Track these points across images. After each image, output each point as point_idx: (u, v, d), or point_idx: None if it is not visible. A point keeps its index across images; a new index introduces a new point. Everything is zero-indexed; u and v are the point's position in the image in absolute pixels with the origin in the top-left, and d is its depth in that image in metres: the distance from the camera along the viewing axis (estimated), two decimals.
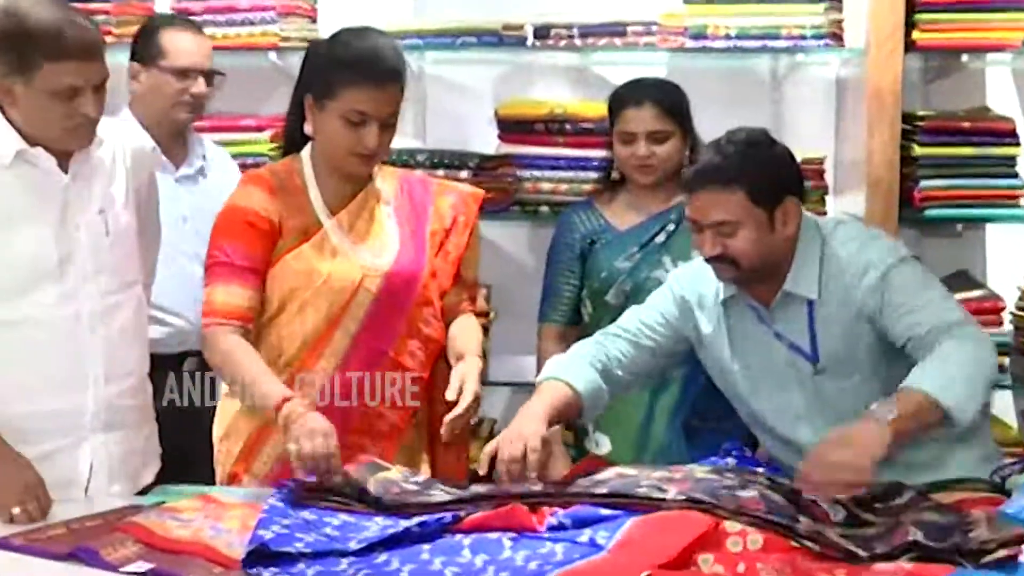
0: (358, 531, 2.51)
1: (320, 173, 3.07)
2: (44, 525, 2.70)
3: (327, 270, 3.00)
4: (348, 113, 2.95)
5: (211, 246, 3.04)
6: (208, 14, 4.46)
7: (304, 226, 3.02)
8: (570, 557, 2.38)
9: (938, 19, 4.18)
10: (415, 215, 3.16)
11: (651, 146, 3.63)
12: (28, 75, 2.74)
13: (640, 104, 3.65)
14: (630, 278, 3.63)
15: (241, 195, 3.05)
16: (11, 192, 2.84)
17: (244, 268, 2.99)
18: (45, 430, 2.89)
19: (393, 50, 3.05)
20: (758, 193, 2.94)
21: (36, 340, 2.87)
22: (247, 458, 3.07)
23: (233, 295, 2.98)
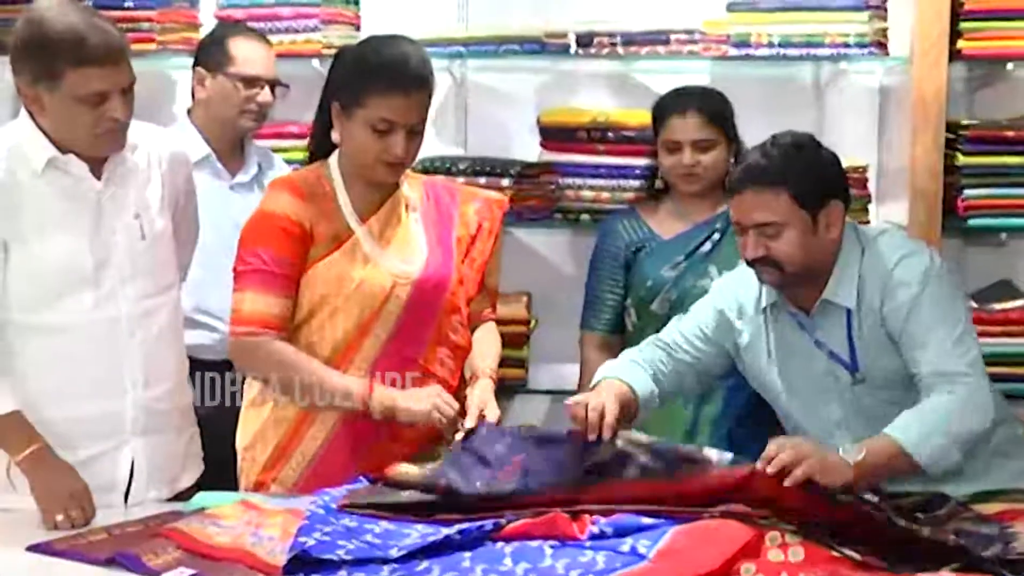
0: (399, 538, 2.50)
1: (348, 179, 3.05)
2: (86, 530, 2.72)
3: (359, 277, 2.99)
4: (375, 121, 2.93)
5: (242, 252, 3.01)
6: (252, 22, 4.45)
7: (335, 232, 3.00)
8: (612, 566, 2.37)
9: (983, 27, 4.15)
10: (441, 221, 3.15)
11: (696, 155, 3.63)
12: (54, 83, 2.75)
13: (684, 113, 3.64)
14: (675, 287, 3.62)
15: (271, 201, 3.02)
16: (45, 200, 2.86)
17: (278, 275, 2.96)
18: (85, 435, 2.91)
19: (420, 57, 3.02)
20: (802, 194, 2.93)
21: (74, 346, 2.89)
22: (275, 466, 3.05)
23: (268, 304, 2.95)
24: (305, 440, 3.02)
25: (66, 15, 2.77)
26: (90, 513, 2.79)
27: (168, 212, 3.06)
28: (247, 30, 4.09)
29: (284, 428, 3.05)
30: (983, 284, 4.52)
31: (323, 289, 2.99)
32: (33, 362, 2.89)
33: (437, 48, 4.41)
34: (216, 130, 3.90)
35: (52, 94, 2.77)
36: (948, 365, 2.87)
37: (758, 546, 2.41)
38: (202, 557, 2.50)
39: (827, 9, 4.33)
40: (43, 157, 2.84)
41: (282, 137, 4.39)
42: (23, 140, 2.86)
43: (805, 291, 3.03)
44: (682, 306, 3.51)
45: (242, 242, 3.02)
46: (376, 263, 3.01)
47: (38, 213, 2.85)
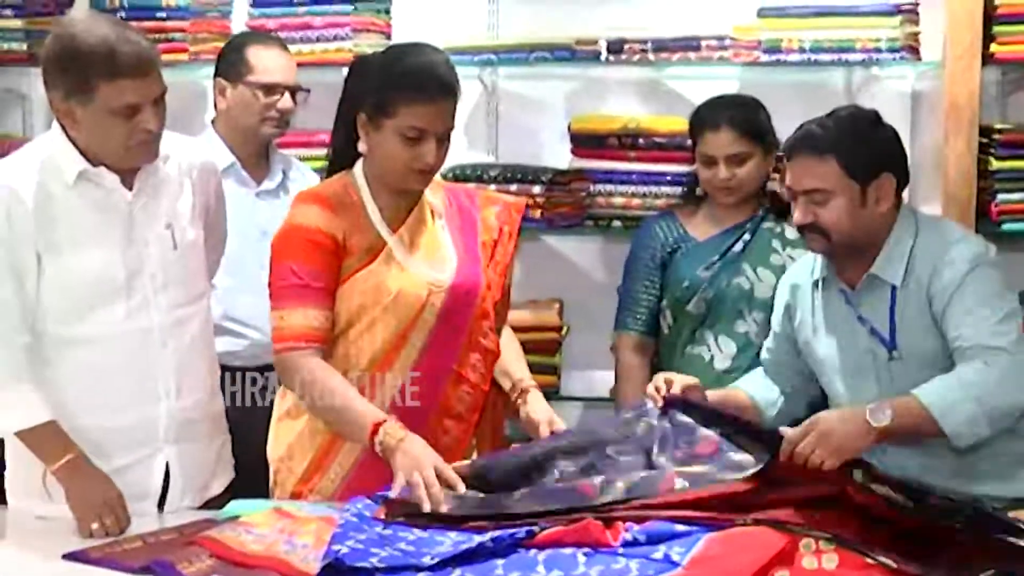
0: (432, 546, 2.51)
1: (375, 189, 3.03)
2: (121, 538, 2.73)
3: (396, 287, 2.98)
4: (406, 130, 2.92)
5: (275, 267, 2.99)
6: (283, 31, 4.48)
7: (368, 243, 2.99)
8: (645, 573, 2.37)
9: (1017, 31, 4.13)
10: (465, 227, 3.15)
11: (731, 168, 3.63)
12: (86, 97, 2.77)
13: (717, 128, 3.64)
14: (711, 287, 3.63)
15: (301, 214, 3.00)
16: (76, 212, 2.87)
17: (316, 289, 2.94)
18: (119, 444, 2.94)
19: (446, 64, 3.02)
20: (852, 164, 2.98)
21: (108, 356, 2.91)
22: (312, 477, 3.04)
23: (308, 317, 2.93)
24: (342, 452, 3.02)
25: (97, 28, 2.79)
26: (124, 521, 2.81)
27: (199, 222, 3.08)
28: (266, 38, 4.11)
29: (320, 440, 3.04)
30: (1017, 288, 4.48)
31: (360, 300, 2.98)
32: (67, 373, 2.91)
33: (468, 56, 4.44)
34: (239, 139, 3.92)
35: (85, 108, 2.78)
36: (988, 339, 2.89)
37: (792, 553, 2.40)
38: (236, 565, 2.51)
39: (858, 14, 4.32)
40: (75, 169, 2.86)
41: (311, 146, 4.40)
42: (55, 152, 2.87)
43: (853, 264, 3.08)
44: (719, 305, 3.54)
45: (275, 257, 3.01)
46: (411, 272, 3.01)
47: (71, 225, 2.86)
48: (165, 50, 4.53)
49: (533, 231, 4.49)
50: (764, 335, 3.50)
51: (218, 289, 3.35)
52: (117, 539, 2.73)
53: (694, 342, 3.66)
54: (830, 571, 2.36)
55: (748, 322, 3.61)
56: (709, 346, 3.64)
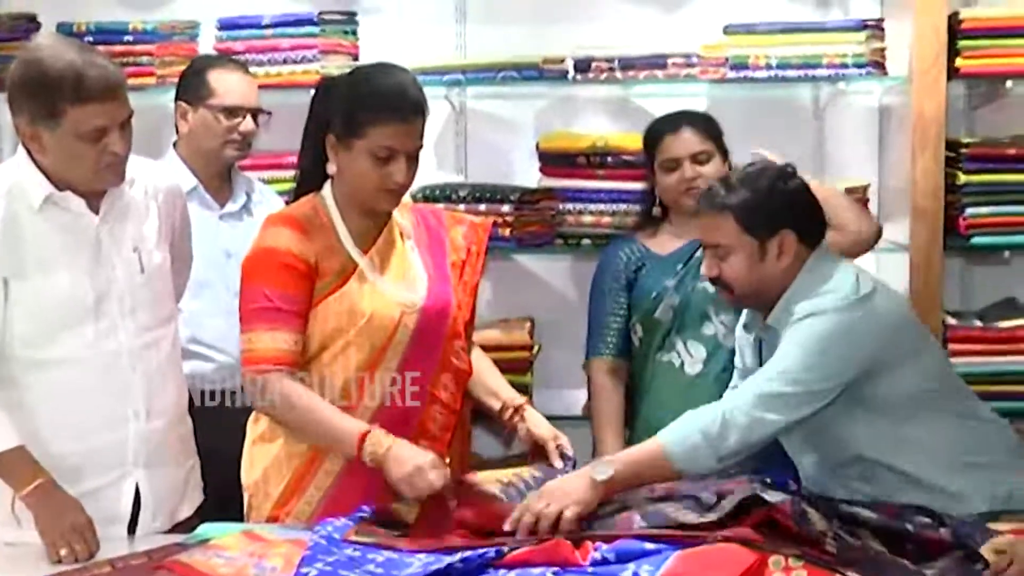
0: (401, 568, 2.50)
1: (344, 210, 3.03)
2: (90, 564, 2.72)
3: (369, 309, 2.97)
4: (376, 150, 2.92)
5: (246, 290, 2.98)
6: (250, 53, 4.50)
7: (340, 265, 2.99)
8: None
9: (981, 45, 4.17)
10: (435, 247, 3.15)
11: (696, 167, 3.64)
12: (54, 121, 2.76)
13: (678, 129, 3.67)
14: (677, 292, 3.63)
15: (271, 237, 2.99)
16: (43, 236, 2.87)
17: (287, 311, 2.93)
18: (89, 467, 2.93)
19: (414, 84, 3.02)
20: (749, 221, 3.02)
21: (77, 379, 2.90)
22: (289, 500, 3.03)
23: (278, 340, 2.92)
24: (319, 475, 3.01)
25: (63, 53, 2.78)
26: (94, 547, 2.79)
27: (165, 245, 3.08)
28: (227, 61, 4.11)
29: (297, 463, 3.03)
30: (987, 302, 4.52)
31: (334, 323, 2.98)
32: (36, 396, 2.90)
33: (435, 76, 4.45)
34: (202, 162, 3.91)
35: (52, 132, 2.78)
36: (765, 387, 2.93)
37: (761, 570, 2.39)
38: None
39: (824, 30, 4.36)
40: (41, 194, 2.85)
41: (280, 168, 4.39)
42: (21, 177, 2.87)
43: (762, 314, 3.13)
44: (684, 311, 3.56)
45: (245, 279, 3.00)
46: (384, 294, 3.01)
47: (38, 249, 2.86)
48: (132, 74, 4.51)
49: (503, 250, 4.49)
50: (731, 336, 3.52)
51: (184, 312, 3.34)
52: (86, 564, 2.72)
53: (663, 350, 3.67)
54: None
55: (715, 324, 3.62)
56: (679, 352, 3.65)
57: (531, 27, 4.66)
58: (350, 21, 4.66)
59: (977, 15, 4.22)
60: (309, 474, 3.02)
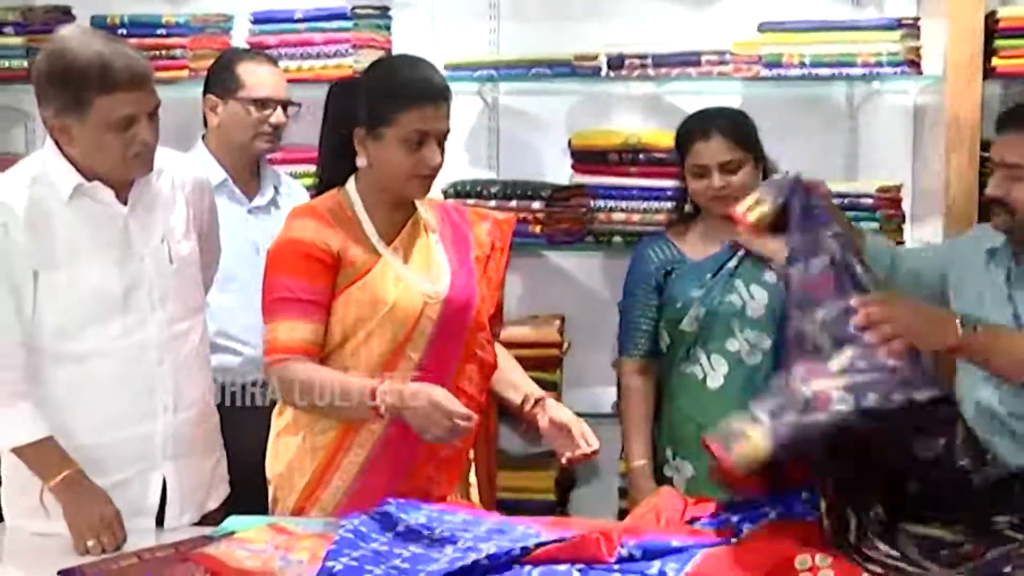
0: (427, 563, 2.50)
1: (369, 204, 3.05)
2: (117, 555, 2.73)
3: (392, 299, 2.99)
4: (408, 135, 2.94)
5: (269, 281, 3.00)
6: (283, 47, 4.52)
7: (364, 256, 3.00)
8: None
9: (1018, 45, 4.14)
10: (458, 242, 3.16)
11: (725, 176, 3.60)
12: (82, 111, 2.77)
13: (708, 137, 3.62)
14: (703, 304, 3.60)
15: (296, 228, 3.01)
16: (73, 227, 2.88)
17: (307, 302, 2.95)
18: (117, 459, 2.94)
19: (435, 69, 3.07)
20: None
21: (105, 371, 2.91)
22: (314, 491, 3.04)
23: (298, 330, 2.94)
24: (343, 466, 3.02)
25: (89, 44, 2.79)
26: (120, 538, 2.81)
27: (193, 236, 3.09)
28: (255, 53, 4.14)
29: (321, 455, 3.04)
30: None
31: (357, 312, 2.99)
32: (65, 388, 2.91)
33: (468, 72, 4.46)
34: (231, 155, 3.93)
35: (81, 123, 2.79)
36: None
37: (787, 570, 2.39)
38: None
39: (859, 28, 4.33)
40: (70, 185, 2.86)
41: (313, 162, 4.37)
42: (49, 169, 2.88)
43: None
44: (710, 323, 3.53)
45: (268, 271, 3.02)
46: (407, 284, 3.02)
47: (67, 240, 2.87)
48: (165, 67, 4.57)
49: (534, 247, 4.51)
50: (754, 356, 3.52)
51: (212, 306, 3.34)
52: (113, 555, 2.73)
53: (688, 361, 3.63)
54: None
55: (740, 340, 3.58)
56: (702, 365, 3.61)
57: (564, 24, 4.67)
58: (383, 16, 4.66)
59: (1014, 14, 4.18)
60: (333, 466, 3.03)
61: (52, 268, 2.86)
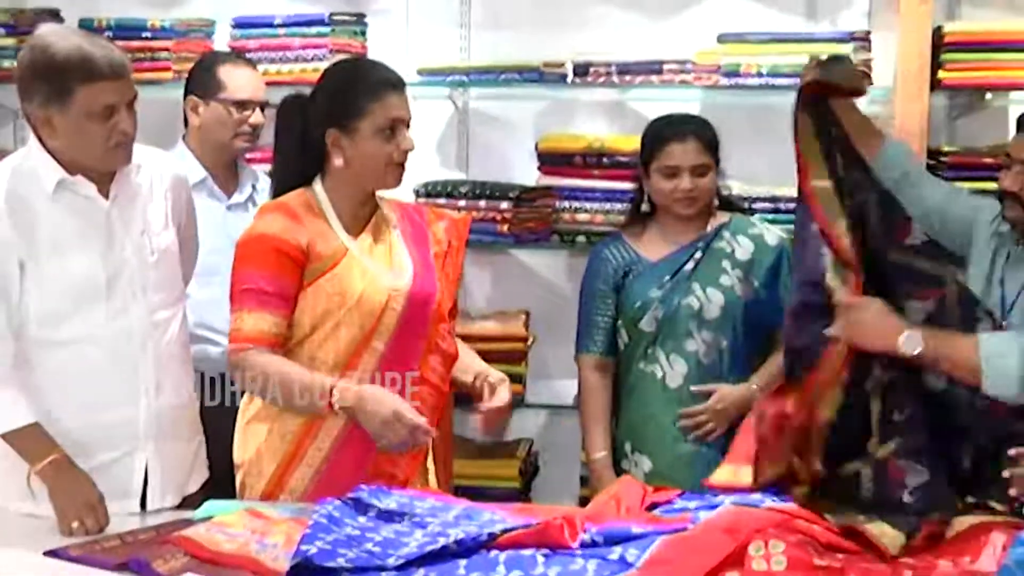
0: (397, 547, 2.50)
1: (336, 201, 3.07)
2: (100, 537, 2.73)
3: (358, 291, 3.00)
4: (383, 124, 2.99)
5: (237, 273, 3.02)
6: (263, 51, 4.52)
7: (332, 251, 3.02)
8: (600, 574, 2.37)
9: (963, 58, 4.18)
10: (419, 238, 3.18)
11: (695, 179, 3.61)
12: (65, 102, 2.77)
13: (684, 139, 3.62)
14: (662, 305, 3.61)
15: (264, 223, 3.03)
16: (57, 220, 2.87)
17: (273, 294, 2.97)
18: (101, 442, 2.93)
19: (386, 64, 3.15)
20: None
21: (89, 358, 2.91)
22: (282, 477, 3.05)
23: (264, 321, 2.96)
24: (310, 451, 3.03)
25: (69, 38, 2.82)
26: (104, 521, 2.80)
27: (172, 228, 3.09)
28: (235, 57, 4.14)
29: (289, 440, 3.04)
30: None
31: (325, 304, 3.00)
32: (51, 374, 2.90)
33: (440, 77, 4.47)
34: (212, 154, 3.92)
35: (64, 113, 2.79)
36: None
37: (742, 556, 2.40)
38: (209, 563, 2.51)
39: (813, 41, 4.35)
40: (54, 179, 2.86)
41: None
42: (34, 164, 2.88)
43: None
44: (669, 323, 3.54)
45: (237, 262, 3.03)
46: (373, 277, 3.03)
47: (52, 232, 2.86)
48: (150, 68, 4.57)
49: (501, 245, 4.52)
50: (711, 355, 3.55)
51: (192, 299, 3.34)
52: (96, 538, 2.73)
53: (647, 360, 3.64)
54: (779, 572, 2.36)
55: (697, 341, 3.59)
56: (661, 364, 3.62)
57: (532, 32, 4.67)
58: (359, 22, 4.67)
59: (959, 29, 4.23)
60: (300, 452, 3.04)
61: (37, 259, 2.85)
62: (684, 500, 2.80)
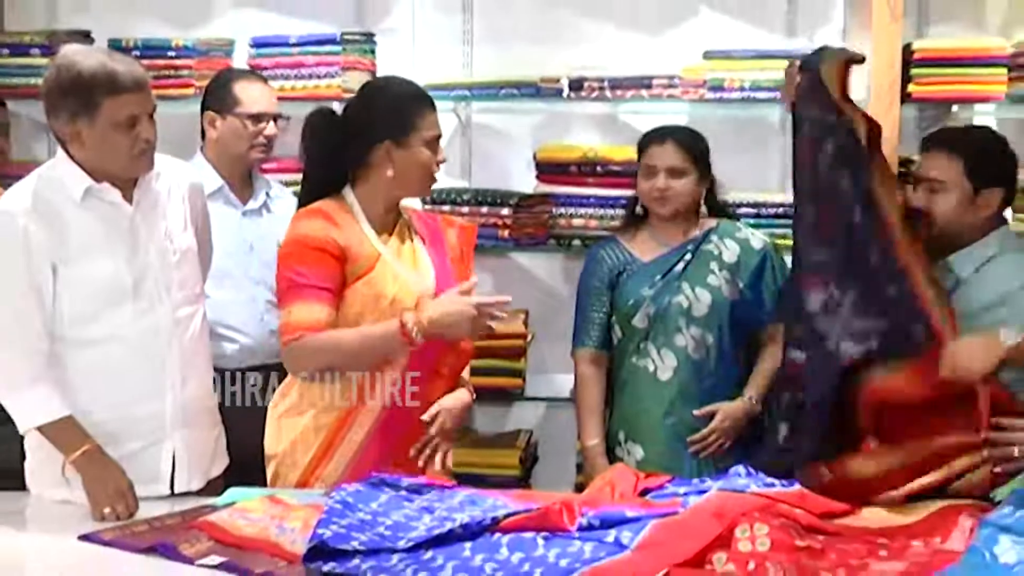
0: (407, 531, 2.51)
1: (368, 208, 3.08)
2: (130, 522, 2.73)
3: (391, 294, 3.00)
4: (431, 138, 3.06)
5: (283, 272, 3.00)
6: (279, 68, 4.50)
7: (366, 254, 3.02)
8: (596, 555, 2.38)
9: (931, 74, 4.18)
10: (437, 244, 3.19)
11: (669, 180, 3.61)
12: (91, 114, 2.80)
13: (663, 142, 3.64)
14: (653, 303, 3.61)
15: (304, 227, 3.02)
16: (85, 225, 2.88)
17: (320, 288, 2.95)
18: (130, 433, 2.94)
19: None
20: (974, 169, 3.07)
21: (119, 355, 2.92)
22: (316, 467, 3.05)
23: (313, 311, 2.94)
24: (344, 444, 3.03)
25: (91, 55, 2.85)
26: (134, 507, 2.81)
27: (191, 230, 3.10)
28: (249, 73, 4.14)
29: (325, 433, 3.05)
30: None
31: (360, 307, 3.00)
32: (83, 371, 2.91)
33: (444, 92, 4.45)
34: (228, 164, 3.92)
35: (91, 126, 2.81)
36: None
37: (729, 538, 2.41)
38: (231, 546, 2.52)
39: (793, 57, 4.30)
40: (81, 187, 2.87)
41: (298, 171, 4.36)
42: (63, 174, 2.89)
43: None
44: (659, 321, 3.55)
45: (281, 264, 3.03)
46: (404, 281, 3.04)
47: (81, 238, 2.88)
48: (174, 85, 4.57)
49: (502, 249, 4.53)
50: (700, 351, 3.55)
51: (210, 299, 3.34)
52: (127, 523, 2.73)
53: (639, 354, 3.63)
54: (763, 552, 2.36)
55: (686, 337, 3.58)
56: (652, 359, 3.61)
57: (530, 49, 4.67)
58: (368, 41, 4.66)
59: (928, 46, 4.23)
60: (336, 441, 3.04)
61: (68, 263, 2.86)
62: (674, 486, 2.80)
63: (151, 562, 2.49)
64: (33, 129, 4.80)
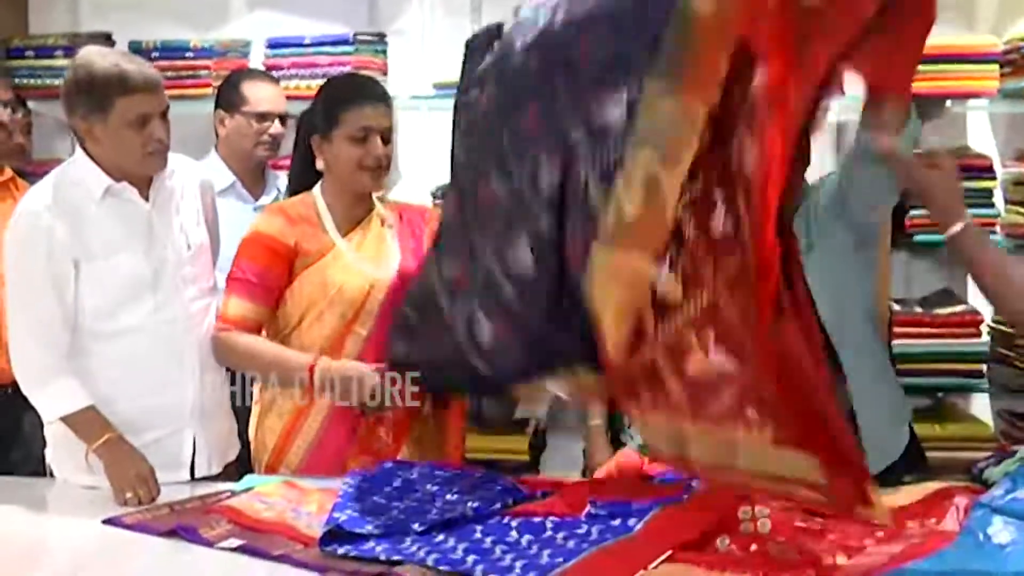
0: (420, 515, 2.50)
1: (331, 203, 3.09)
2: (151, 507, 2.73)
3: (340, 281, 3.01)
4: (354, 132, 2.99)
5: (234, 263, 3.06)
6: (294, 68, 4.51)
7: (319, 247, 3.03)
8: (603, 536, 2.37)
9: (925, 69, 4.13)
10: (413, 236, 3.17)
11: None
12: (105, 113, 2.82)
13: None
14: None
15: (263, 222, 3.07)
16: (105, 223, 2.90)
17: (258, 286, 3.00)
18: (152, 422, 2.95)
19: (376, 81, 3.24)
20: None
21: (139, 347, 2.93)
22: (281, 450, 3.06)
23: (246, 308, 3.00)
24: (304, 428, 3.04)
25: (107, 56, 2.88)
26: (155, 492, 2.80)
27: (204, 225, 3.12)
28: (257, 73, 4.17)
29: (286, 418, 3.06)
30: (927, 292, 4.52)
31: (310, 295, 3.02)
32: (105, 363, 2.92)
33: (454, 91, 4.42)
34: (238, 161, 3.95)
35: (105, 124, 2.83)
36: None
37: (731, 521, 2.40)
38: (250, 529, 2.51)
39: None
40: (101, 186, 2.89)
41: None
42: (83, 173, 2.91)
43: None
44: None
45: (236, 255, 3.07)
46: (356, 269, 3.04)
47: (101, 234, 2.89)
48: (192, 84, 4.58)
49: None
50: None
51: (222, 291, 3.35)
52: (148, 507, 2.73)
53: None
54: (764, 535, 2.36)
55: None
56: None
57: None
58: (380, 41, 4.66)
59: None
60: (295, 428, 3.05)
61: (90, 259, 2.88)
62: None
63: (172, 544, 2.48)
64: (55, 128, 4.80)
